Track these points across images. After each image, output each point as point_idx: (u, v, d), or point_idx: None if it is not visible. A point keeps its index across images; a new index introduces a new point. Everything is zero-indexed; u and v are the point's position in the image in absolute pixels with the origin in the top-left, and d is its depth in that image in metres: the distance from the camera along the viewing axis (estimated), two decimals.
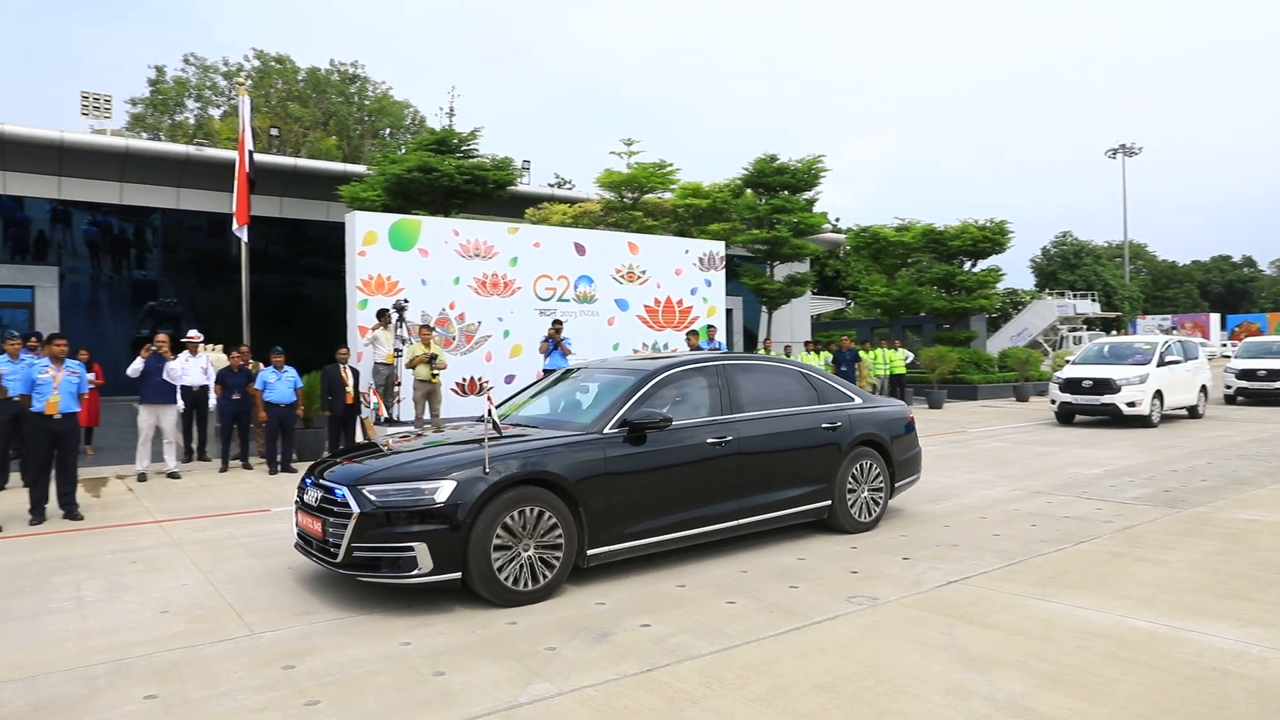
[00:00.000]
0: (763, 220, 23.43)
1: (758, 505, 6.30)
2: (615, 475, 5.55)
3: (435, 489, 4.99)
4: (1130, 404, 14.86)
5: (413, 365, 11.66)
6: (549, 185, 32.54)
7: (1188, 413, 16.60)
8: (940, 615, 4.84)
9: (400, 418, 12.31)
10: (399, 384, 12.20)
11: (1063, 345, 43.37)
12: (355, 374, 11.50)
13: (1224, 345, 50.74)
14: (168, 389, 10.34)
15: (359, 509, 4.99)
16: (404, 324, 12.24)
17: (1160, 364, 15.64)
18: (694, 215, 22.04)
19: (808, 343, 20.72)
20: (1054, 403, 16.06)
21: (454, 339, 13.54)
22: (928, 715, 3.57)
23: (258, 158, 16.25)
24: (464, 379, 13.59)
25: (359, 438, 11.35)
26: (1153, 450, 11.86)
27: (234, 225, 14.10)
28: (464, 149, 19.12)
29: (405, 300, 12.50)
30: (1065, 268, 64.21)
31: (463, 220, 14.94)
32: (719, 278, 16.96)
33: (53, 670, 4.19)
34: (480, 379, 13.74)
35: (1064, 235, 71.17)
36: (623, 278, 15.56)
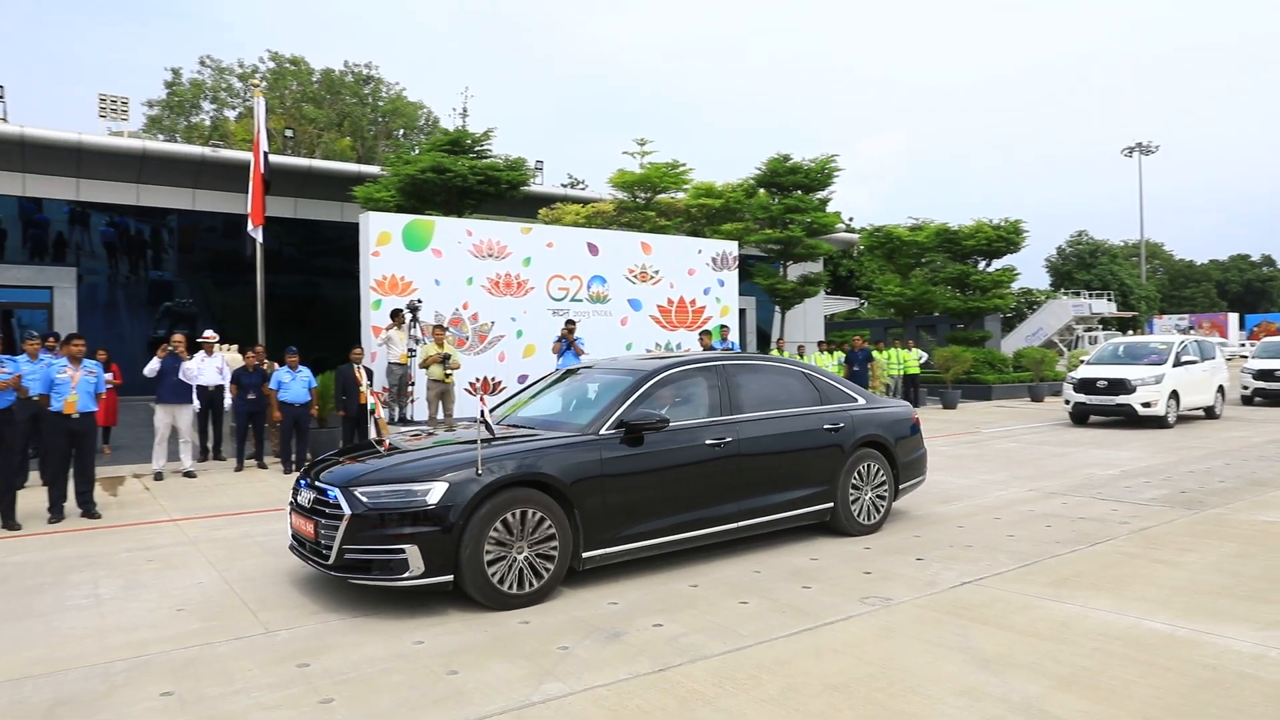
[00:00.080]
0: (776, 220, 23.38)
1: (758, 507, 6.22)
2: (611, 477, 5.48)
3: (427, 490, 4.95)
4: (1146, 404, 14.74)
5: (426, 365, 11.71)
6: (562, 186, 32.61)
7: (1205, 413, 16.46)
8: (954, 616, 4.82)
9: (414, 417, 12.36)
10: (413, 384, 12.25)
11: (1078, 345, 43.01)
12: (369, 374, 11.56)
13: (1243, 345, 50.17)
14: (184, 389, 10.43)
15: (351, 510, 4.95)
16: (417, 324, 12.28)
17: (1176, 364, 15.50)
18: (707, 215, 22.00)
19: (821, 343, 20.66)
20: (1068, 403, 15.95)
21: (467, 339, 13.59)
22: (941, 717, 3.55)
23: (273, 159, 16.37)
24: (477, 379, 13.63)
25: (372, 436, 11.39)
26: (1169, 451, 11.76)
27: (249, 226, 14.26)
28: (477, 149, 19.15)
29: (419, 300, 12.55)
30: (1081, 267, 63.68)
31: (476, 220, 14.99)
32: (732, 278, 16.93)
33: (72, 666, 4.24)
34: (493, 379, 13.78)
35: (1079, 234, 70.60)
36: (636, 278, 15.57)
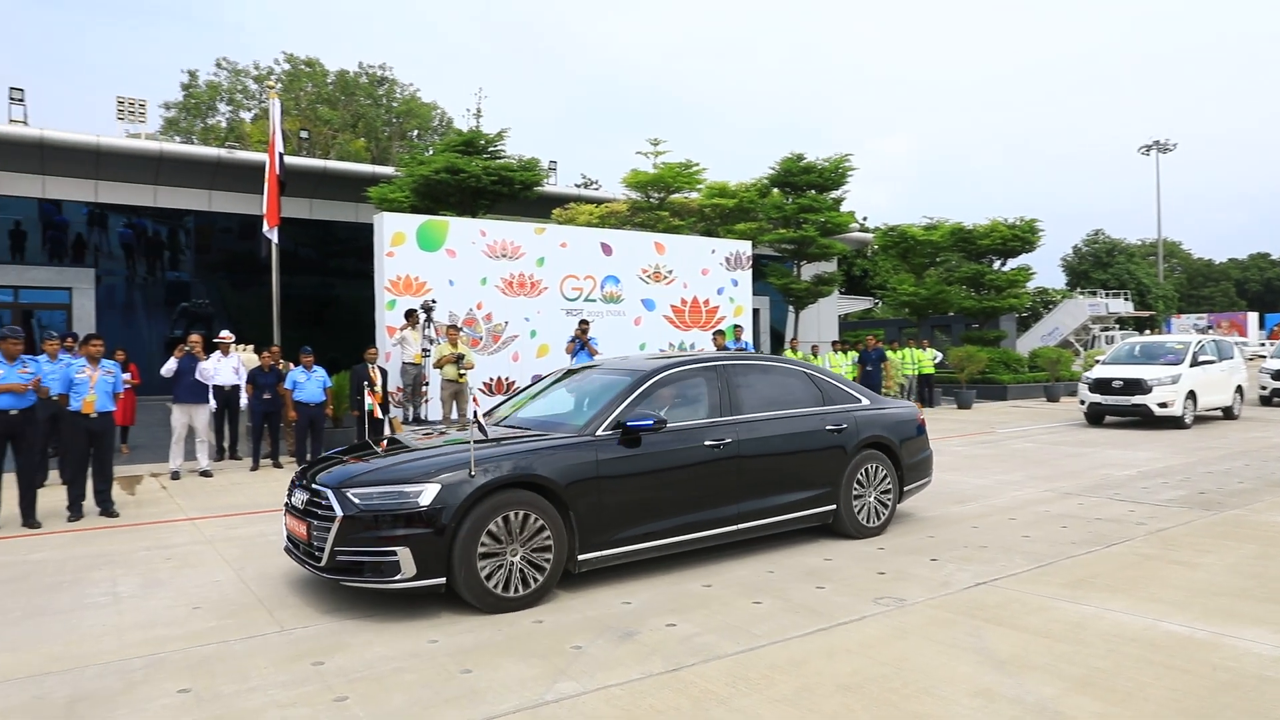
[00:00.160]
0: (789, 220, 23.30)
1: (758, 509, 6.14)
2: (608, 479, 5.42)
3: (419, 492, 4.91)
4: (1162, 404, 14.61)
5: (440, 365, 11.76)
6: (575, 186, 32.59)
7: (1223, 414, 16.30)
8: (968, 617, 4.80)
9: (428, 417, 12.41)
10: (427, 384, 12.30)
11: (1095, 345, 42.69)
12: (384, 374, 11.62)
13: (1263, 344, 49.70)
14: (200, 389, 10.52)
15: (343, 512, 4.91)
16: (431, 324, 12.34)
17: (1193, 364, 15.36)
18: (720, 215, 21.96)
19: (835, 342, 20.58)
20: (1083, 403, 15.83)
21: (481, 339, 13.63)
22: (955, 718, 3.54)
23: (288, 160, 16.46)
24: (491, 379, 13.67)
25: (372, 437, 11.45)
26: (1187, 452, 11.65)
27: (265, 227, 14.35)
28: (491, 150, 19.19)
29: (433, 300, 12.60)
30: (1097, 266, 63.14)
31: (490, 221, 15.02)
32: (746, 277, 16.90)
33: (90, 663, 4.28)
34: (507, 379, 13.82)
35: (1096, 233, 69.93)
36: (649, 278, 15.57)
